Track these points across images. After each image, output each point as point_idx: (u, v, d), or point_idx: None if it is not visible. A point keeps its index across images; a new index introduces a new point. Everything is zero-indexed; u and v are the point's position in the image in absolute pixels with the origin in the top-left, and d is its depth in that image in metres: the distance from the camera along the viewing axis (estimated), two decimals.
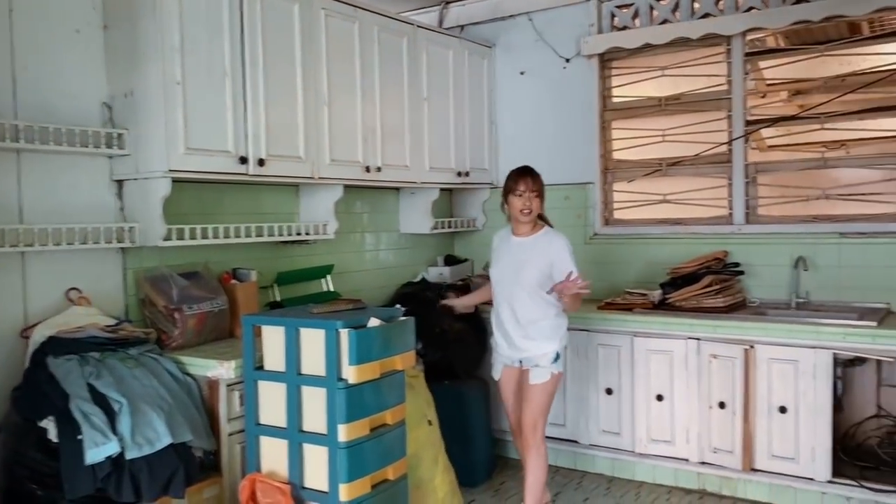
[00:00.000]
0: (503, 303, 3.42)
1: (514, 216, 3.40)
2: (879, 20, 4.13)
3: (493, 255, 3.53)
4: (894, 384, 3.85)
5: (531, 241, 3.40)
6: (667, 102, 4.50)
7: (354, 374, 2.66)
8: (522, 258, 3.36)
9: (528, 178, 3.36)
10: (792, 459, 3.62)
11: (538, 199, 3.38)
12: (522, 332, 3.36)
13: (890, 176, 3.98)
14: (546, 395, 3.38)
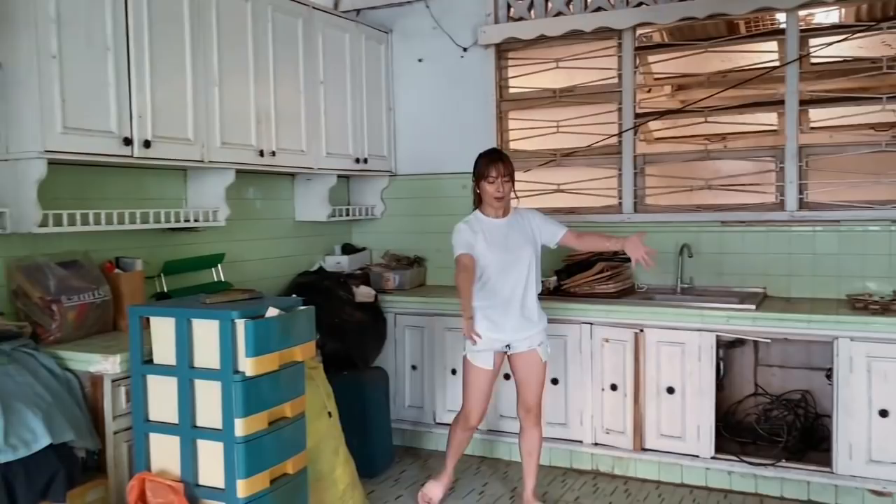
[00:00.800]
0: (511, 283, 3.34)
1: (487, 202, 3.41)
2: (756, 20, 4.38)
3: (475, 241, 3.34)
4: (770, 364, 4.11)
5: (513, 220, 3.43)
6: (561, 94, 4.59)
7: (252, 367, 2.56)
8: (514, 238, 3.38)
9: (500, 164, 3.36)
10: (679, 438, 3.79)
11: (510, 184, 3.39)
12: (529, 311, 3.37)
13: (765, 168, 4.22)
14: (546, 374, 3.51)
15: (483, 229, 3.38)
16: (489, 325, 3.31)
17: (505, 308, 3.34)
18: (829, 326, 3.48)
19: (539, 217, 3.51)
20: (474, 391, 3.43)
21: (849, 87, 4.14)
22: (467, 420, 3.49)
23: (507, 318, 3.34)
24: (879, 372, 3.38)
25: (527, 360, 3.42)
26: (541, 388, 3.46)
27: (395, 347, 4.48)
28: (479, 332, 3.22)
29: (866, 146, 3.99)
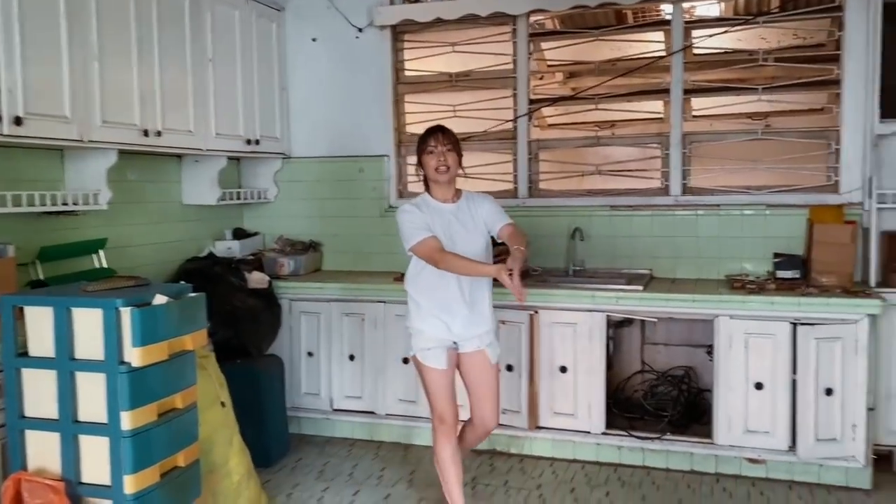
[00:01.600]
0: (453, 278, 2.97)
1: (431, 177, 3.04)
2: (643, 11, 4.52)
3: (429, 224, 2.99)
4: (656, 342, 4.30)
5: (464, 204, 3.08)
6: (457, 79, 4.61)
7: (139, 357, 2.44)
8: (463, 227, 3.02)
9: (438, 133, 3.01)
10: (572, 415, 3.91)
11: (453, 154, 3.01)
12: (483, 304, 3.05)
13: (651, 154, 4.39)
14: (499, 377, 3.16)
15: (434, 215, 3.01)
16: (434, 323, 3.01)
17: (453, 303, 3.00)
18: (711, 305, 3.67)
19: (489, 204, 3.11)
20: (436, 391, 3.05)
21: (728, 78, 4.36)
22: (442, 421, 3.06)
23: (456, 313, 3.01)
24: (755, 347, 3.60)
25: (473, 361, 3.07)
26: (495, 395, 3.10)
27: (291, 334, 4.39)
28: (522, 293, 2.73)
29: (744, 134, 4.22)
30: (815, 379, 3.51)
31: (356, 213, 4.83)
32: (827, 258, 3.79)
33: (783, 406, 3.58)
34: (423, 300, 3.04)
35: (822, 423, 3.52)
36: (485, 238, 3.07)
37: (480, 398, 3.07)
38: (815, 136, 4.10)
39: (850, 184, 3.95)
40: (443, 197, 3.07)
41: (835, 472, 3.59)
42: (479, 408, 3.07)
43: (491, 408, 3.09)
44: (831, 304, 3.50)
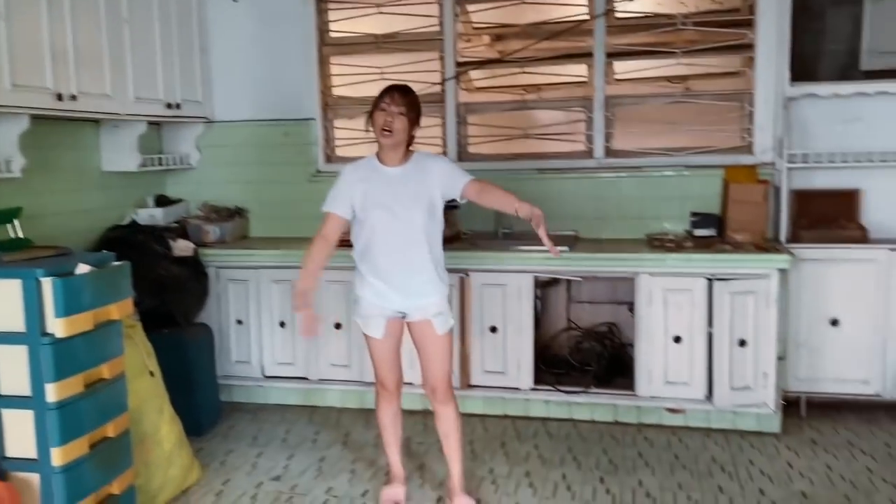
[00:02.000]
0: (395, 246, 2.88)
1: (376, 136, 2.87)
2: None
3: (360, 192, 2.90)
4: (581, 301, 4.43)
5: (411, 168, 2.90)
6: (384, 41, 4.57)
7: (63, 328, 2.39)
8: (411, 191, 2.87)
9: (396, 93, 2.84)
10: (502, 373, 4.01)
11: (404, 119, 2.82)
12: (425, 275, 2.91)
13: (576, 117, 4.48)
14: (450, 345, 3.04)
15: (371, 179, 2.90)
16: (373, 292, 2.93)
17: (390, 274, 2.90)
18: (632, 264, 3.81)
19: (443, 165, 2.97)
20: (375, 359, 3.05)
21: (648, 42, 4.46)
22: (382, 385, 3.08)
23: (394, 285, 2.90)
24: (674, 302, 3.76)
25: (421, 330, 2.96)
26: (443, 363, 2.99)
27: (219, 302, 4.34)
28: (314, 326, 2.89)
29: (664, 97, 4.34)
30: (729, 331, 3.70)
31: (283, 178, 4.77)
32: (741, 216, 3.97)
33: (700, 358, 3.76)
34: (361, 267, 2.97)
35: (736, 373, 3.73)
36: (428, 205, 2.89)
37: (426, 363, 3.02)
38: (730, 99, 4.26)
39: (763, 145, 4.13)
40: (389, 160, 2.91)
41: (748, 419, 3.81)
42: (426, 370, 3.03)
43: (434, 372, 3.00)
44: (744, 260, 3.68)
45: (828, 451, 3.57)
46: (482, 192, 2.89)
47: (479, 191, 2.89)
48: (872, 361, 3.89)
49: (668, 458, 3.53)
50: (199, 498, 3.21)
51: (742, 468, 3.40)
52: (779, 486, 3.22)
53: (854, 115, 3.99)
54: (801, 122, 4.06)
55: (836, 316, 3.90)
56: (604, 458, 3.54)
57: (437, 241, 2.97)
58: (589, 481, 3.30)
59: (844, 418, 3.95)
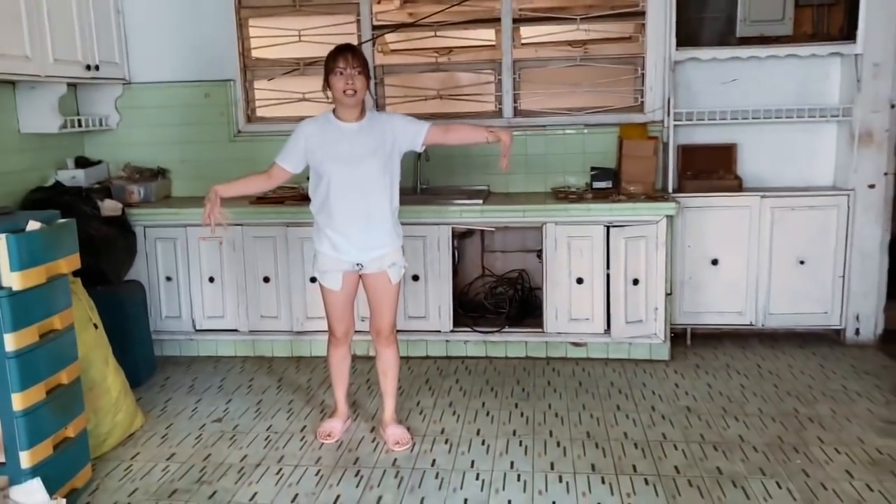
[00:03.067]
0: (355, 197, 3.04)
1: (338, 99, 3.02)
2: None
3: (316, 147, 3.07)
4: (494, 250, 4.81)
5: (366, 124, 3.08)
6: (301, 3, 4.72)
7: (19, 281, 2.54)
8: (366, 145, 3.04)
9: (348, 54, 2.98)
10: (423, 318, 4.35)
11: (362, 77, 2.99)
12: (381, 227, 3.10)
13: (486, 79, 4.79)
14: (399, 292, 3.30)
15: (328, 134, 3.07)
16: (330, 245, 3.10)
17: (348, 226, 3.06)
18: (539, 215, 4.19)
19: (400, 119, 3.15)
20: (329, 310, 3.26)
21: (550, 7, 4.79)
22: (332, 333, 3.31)
23: (351, 237, 3.07)
24: (576, 248, 4.18)
25: (375, 280, 3.17)
26: (391, 310, 3.24)
27: (147, 261, 4.47)
28: (217, 218, 3.09)
29: (565, 61, 4.70)
30: (624, 272, 4.16)
31: (204, 138, 4.89)
32: (633, 169, 4.40)
33: (599, 296, 4.21)
34: (319, 219, 3.13)
35: (631, 309, 4.20)
36: (385, 157, 3.07)
37: (375, 309, 3.26)
38: (624, 63, 4.67)
39: (653, 104, 4.57)
40: (347, 117, 3.07)
41: (641, 349, 4.30)
42: (374, 319, 3.28)
43: (382, 317, 3.25)
44: (637, 208, 4.12)
45: (708, 373, 4.10)
46: (448, 131, 3.16)
47: (444, 131, 3.15)
48: (746, 296, 4.45)
49: (573, 385, 3.97)
50: (146, 441, 3.41)
51: (637, 390, 3.88)
52: (668, 403, 3.71)
53: (730, 76, 4.47)
54: (685, 83, 4.51)
55: (717, 256, 4.42)
56: (517, 387, 3.95)
57: (394, 195, 3.16)
58: (505, 407, 3.70)
59: (723, 345, 4.51)
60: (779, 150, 4.55)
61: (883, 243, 4.38)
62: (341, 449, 3.31)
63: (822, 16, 4.32)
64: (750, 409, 3.61)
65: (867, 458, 3.09)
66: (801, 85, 4.47)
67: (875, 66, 4.21)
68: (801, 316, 4.47)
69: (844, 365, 4.16)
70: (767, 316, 4.46)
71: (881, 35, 4.17)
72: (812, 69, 4.43)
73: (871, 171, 4.32)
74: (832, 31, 4.33)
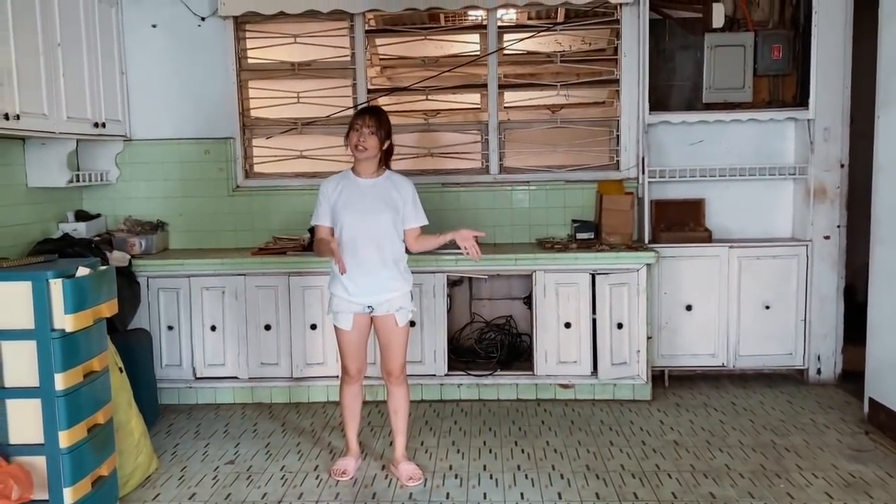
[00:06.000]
0: (367, 245, 3.31)
1: (352, 152, 3.36)
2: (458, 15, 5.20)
3: (336, 198, 3.36)
4: (482, 297, 5.08)
5: (382, 181, 3.40)
6: (300, 67, 5.02)
7: (71, 323, 2.70)
8: (379, 199, 3.35)
9: (366, 115, 3.33)
10: (419, 362, 4.56)
11: (374, 137, 3.31)
12: (390, 272, 3.36)
13: (473, 139, 5.13)
14: (408, 335, 3.52)
15: (346, 186, 3.38)
16: (343, 288, 3.35)
17: (359, 271, 3.30)
18: (529, 263, 4.49)
19: (410, 193, 3.44)
20: (342, 349, 3.48)
21: (528, 73, 5.19)
22: (345, 372, 3.51)
23: (362, 281, 3.32)
24: (564, 294, 4.48)
25: (384, 323, 3.41)
26: (400, 352, 3.46)
27: (149, 309, 4.59)
28: (344, 265, 3.21)
29: (546, 123, 5.09)
30: (609, 316, 4.46)
31: (202, 193, 5.08)
32: (612, 222, 4.76)
33: (586, 340, 4.50)
34: (334, 266, 3.32)
35: (615, 351, 4.49)
36: (394, 215, 3.37)
37: (385, 350, 3.48)
38: (600, 125, 5.08)
39: (628, 162, 4.96)
40: (363, 172, 3.39)
41: (625, 389, 4.58)
42: (385, 360, 3.50)
43: (392, 358, 3.47)
44: (619, 257, 4.46)
45: (689, 410, 4.39)
46: (419, 239, 3.48)
47: (416, 237, 3.47)
48: (718, 339, 4.79)
49: (565, 423, 4.21)
50: (164, 483, 3.51)
51: (626, 427, 4.14)
52: (656, 437, 3.98)
53: (698, 138, 4.91)
54: (656, 143, 4.93)
55: (690, 302, 4.77)
56: (514, 427, 4.17)
57: (400, 242, 3.43)
58: (506, 445, 3.91)
59: (699, 385, 4.83)
60: (742, 204, 4.98)
61: (839, 289, 4.80)
62: (357, 485, 3.47)
63: (778, 85, 4.82)
64: (731, 441, 3.90)
65: (842, 481, 3.40)
66: (760, 145, 4.93)
67: (825, 130, 4.69)
68: (768, 357, 4.83)
69: (811, 401, 4.51)
70: (738, 357, 4.80)
71: (830, 102, 4.66)
72: (770, 131, 4.90)
73: (826, 223, 4.76)
74: (786, 98, 4.82)
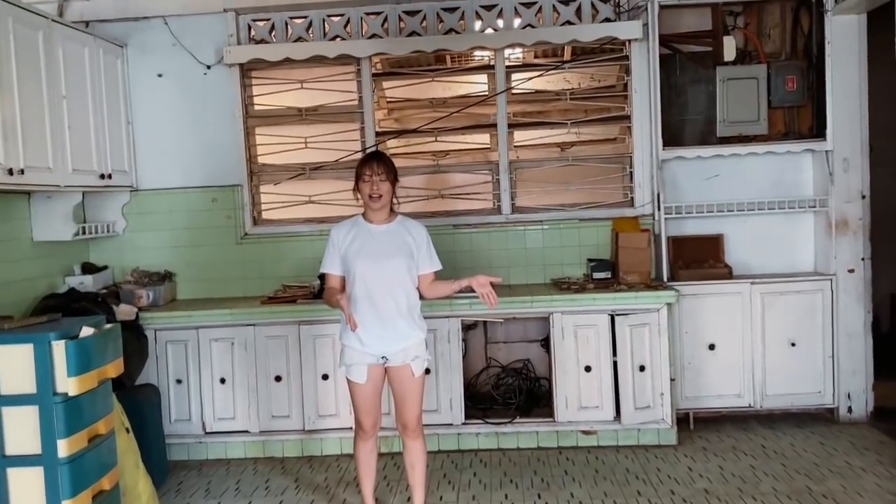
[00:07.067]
0: (381, 293, 3.21)
1: (365, 202, 3.28)
2: (464, 56, 5.16)
3: (347, 246, 3.27)
4: (497, 341, 4.94)
5: (394, 227, 3.31)
6: (307, 113, 4.97)
7: (75, 386, 2.59)
8: (392, 245, 3.27)
9: (374, 163, 3.24)
10: (435, 411, 4.41)
11: (387, 184, 3.25)
12: (405, 321, 3.25)
13: (483, 179, 5.05)
14: (424, 385, 3.39)
15: (358, 234, 3.29)
16: (356, 339, 3.22)
17: (373, 319, 3.20)
18: (546, 305, 4.37)
19: (424, 238, 3.36)
20: (357, 403, 3.34)
21: (537, 111, 5.12)
22: (360, 426, 3.37)
23: (375, 330, 3.21)
24: (583, 337, 4.34)
25: (400, 374, 3.28)
26: (416, 403, 3.34)
27: (157, 363, 4.48)
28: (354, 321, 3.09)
29: (557, 161, 5.00)
30: (630, 359, 4.32)
31: (210, 241, 5.00)
32: (629, 260, 4.64)
33: (608, 384, 4.35)
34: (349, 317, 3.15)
35: (638, 395, 4.34)
36: (411, 258, 3.28)
37: (400, 402, 3.35)
38: (612, 162, 4.98)
39: (643, 199, 4.86)
40: (375, 219, 3.31)
41: (650, 434, 4.41)
42: (400, 412, 3.37)
43: (408, 413, 3.35)
44: (639, 297, 4.33)
45: (717, 455, 4.22)
46: (432, 285, 3.37)
47: (430, 283, 3.36)
48: (743, 378, 4.63)
49: (589, 472, 4.04)
50: None
51: (652, 475, 3.97)
52: (685, 486, 3.81)
53: (713, 172, 4.81)
54: (671, 178, 4.82)
55: (713, 341, 4.62)
56: (535, 478, 4.00)
57: (413, 289, 3.32)
58: (528, 498, 3.75)
59: (726, 427, 4.65)
60: (762, 238, 4.85)
61: (866, 324, 4.64)
62: None
63: (793, 116, 4.73)
64: (765, 489, 3.73)
65: None
66: (777, 178, 4.82)
67: (845, 161, 4.59)
68: (797, 396, 4.66)
69: (843, 442, 4.32)
70: (765, 397, 4.63)
71: (847, 133, 4.57)
72: (787, 164, 4.79)
73: (850, 256, 4.63)
74: (802, 129, 4.72)
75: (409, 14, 4.87)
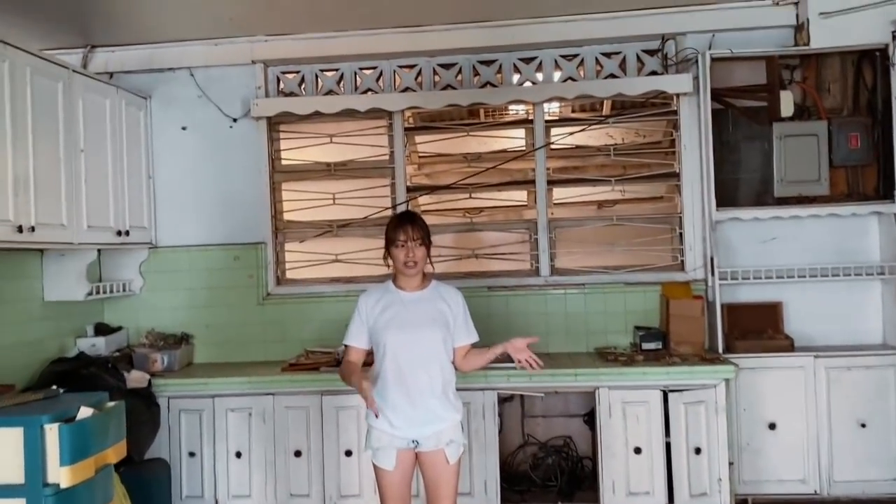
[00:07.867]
0: (414, 369, 2.91)
1: (398, 269, 2.99)
2: (500, 110, 4.92)
3: (377, 316, 2.99)
4: (535, 415, 4.56)
5: (428, 294, 3.03)
6: (336, 168, 4.73)
7: (68, 477, 2.27)
8: (426, 314, 2.97)
9: (408, 226, 2.96)
10: (468, 494, 4.01)
11: (422, 248, 2.98)
12: (439, 401, 2.94)
13: (520, 238, 4.75)
14: (459, 473, 3.03)
15: (388, 302, 3.00)
16: (384, 420, 2.92)
17: (404, 398, 2.92)
18: (591, 378, 3.99)
19: (461, 305, 3.08)
20: (383, 491, 2.99)
21: (576, 167, 4.83)
22: None
23: (406, 410, 2.92)
24: (632, 415, 3.95)
25: (432, 460, 2.96)
26: (450, 493, 2.98)
27: (170, 434, 4.16)
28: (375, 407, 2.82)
29: (600, 220, 4.69)
30: (685, 440, 3.92)
31: (231, 302, 4.73)
32: (682, 329, 4.28)
33: (659, 467, 3.94)
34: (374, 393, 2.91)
35: (694, 480, 3.92)
36: (445, 332, 2.99)
37: (432, 494, 3.00)
38: (660, 222, 4.66)
39: (694, 263, 4.51)
40: (407, 286, 3.02)
41: None
42: (432, 497, 3.00)
43: (441, 500, 2.99)
44: (694, 371, 3.95)
45: None
46: (467, 357, 3.10)
47: (465, 354, 3.09)
48: (808, 462, 4.20)
49: None
50: None
51: None
52: None
53: (771, 235, 4.46)
54: (724, 241, 4.48)
55: (773, 420, 4.21)
56: None
57: (450, 364, 3.04)
58: None
59: None
60: (824, 307, 4.45)
61: None
62: None
63: (857, 176, 4.39)
64: None
65: None
66: (840, 242, 4.45)
67: None
68: (868, 483, 4.20)
69: None
70: (832, 483, 4.19)
71: None
72: (851, 227, 4.43)
73: None
74: (867, 190, 4.38)
75: (444, 67, 4.65)
